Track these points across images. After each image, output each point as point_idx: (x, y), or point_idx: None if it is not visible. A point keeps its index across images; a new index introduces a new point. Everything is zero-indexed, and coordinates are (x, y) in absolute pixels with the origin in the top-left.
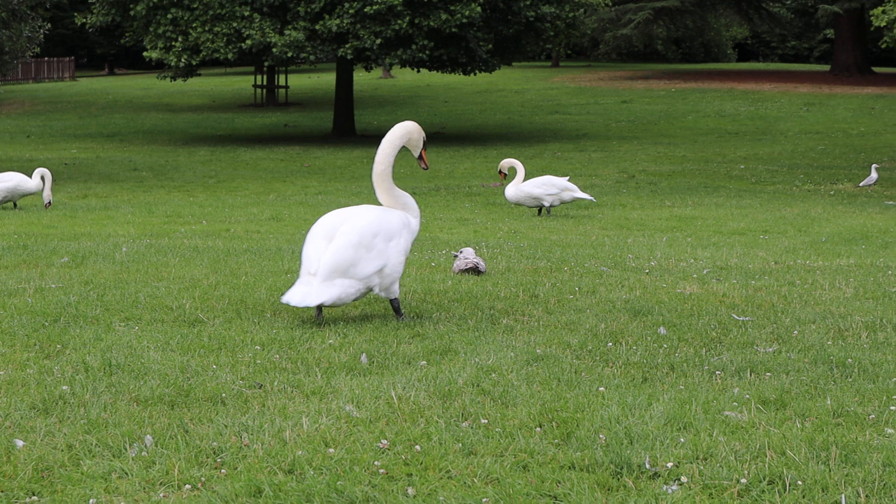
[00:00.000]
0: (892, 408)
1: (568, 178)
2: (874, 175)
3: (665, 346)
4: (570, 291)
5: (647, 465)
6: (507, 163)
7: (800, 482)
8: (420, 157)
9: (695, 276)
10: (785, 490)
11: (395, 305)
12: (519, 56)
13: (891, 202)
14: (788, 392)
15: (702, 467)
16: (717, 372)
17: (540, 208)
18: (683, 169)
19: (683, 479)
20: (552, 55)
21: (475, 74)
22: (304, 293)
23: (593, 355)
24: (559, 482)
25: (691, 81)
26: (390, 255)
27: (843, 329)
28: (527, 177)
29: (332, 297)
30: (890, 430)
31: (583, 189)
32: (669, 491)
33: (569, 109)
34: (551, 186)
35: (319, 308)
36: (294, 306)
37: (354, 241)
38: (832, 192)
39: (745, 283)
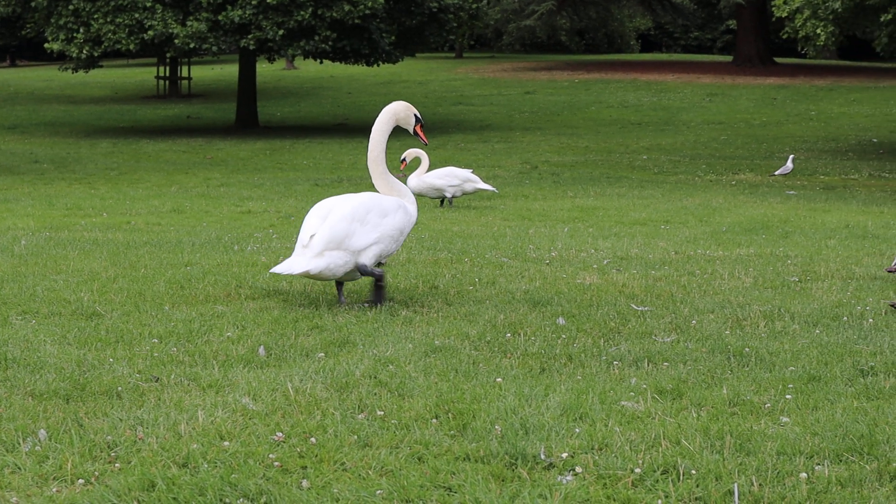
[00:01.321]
0: (788, 396)
1: (472, 169)
2: (790, 165)
3: (564, 336)
4: (470, 282)
5: (543, 456)
6: (411, 152)
7: (694, 471)
8: (415, 132)
9: (595, 266)
10: (679, 479)
11: (366, 271)
12: (422, 47)
13: (792, 192)
14: (685, 382)
15: (597, 457)
16: (615, 362)
17: (442, 199)
18: (586, 159)
19: (578, 469)
20: (456, 46)
21: (378, 66)
22: (291, 263)
23: (492, 346)
24: (454, 473)
25: (595, 72)
26: (385, 227)
27: (741, 318)
28: (430, 168)
29: (319, 267)
30: (785, 419)
31: (485, 180)
32: (564, 481)
33: (472, 100)
34: (453, 178)
35: (338, 287)
36: (280, 274)
37: (348, 215)
38: (734, 183)
39: (645, 273)
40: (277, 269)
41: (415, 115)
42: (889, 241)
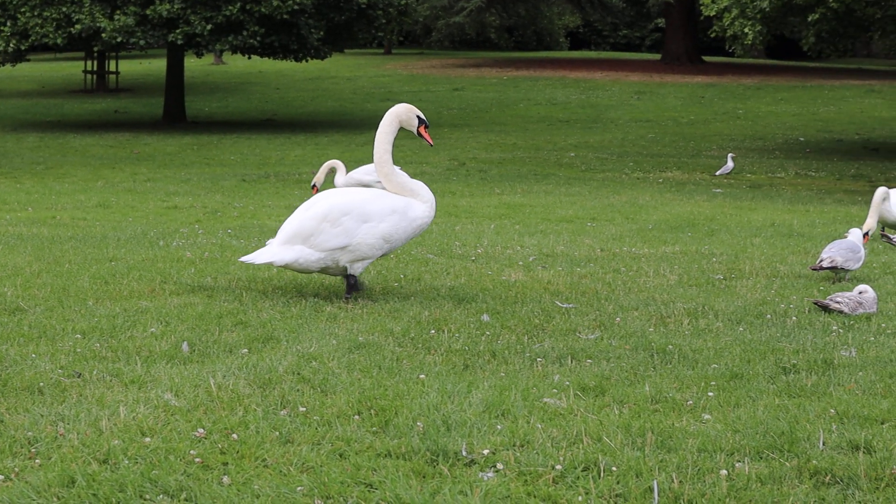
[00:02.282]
0: (711, 394)
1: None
2: (730, 164)
3: (488, 333)
4: (395, 279)
5: (464, 453)
6: (325, 168)
7: (614, 468)
8: (419, 133)
9: (521, 263)
10: (599, 476)
11: (349, 281)
12: (351, 43)
13: (719, 190)
14: (608, 379)
15: (518, 454)
16: (539, 359)
17: None
18: (514, 156)
19: (499, 465)
20: (384, 43)
21: (307, 61)
22: (257, 253)
23: (415, 343)
24: (375, 470)
25: (523, 69)
26: (359, 235)
27: (665, 316)
28: (356, 165)
29: (286, 259)
30: (707, 416)
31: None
32: (485, 478)
33: (401, 97)
34: None
35: (349, 284)
36: (245, 262)
37: (320, 215)
38: (661, 180)
39: (571, 270)
40: (245, 258)
41: (418, 117)
42: (814, 239)
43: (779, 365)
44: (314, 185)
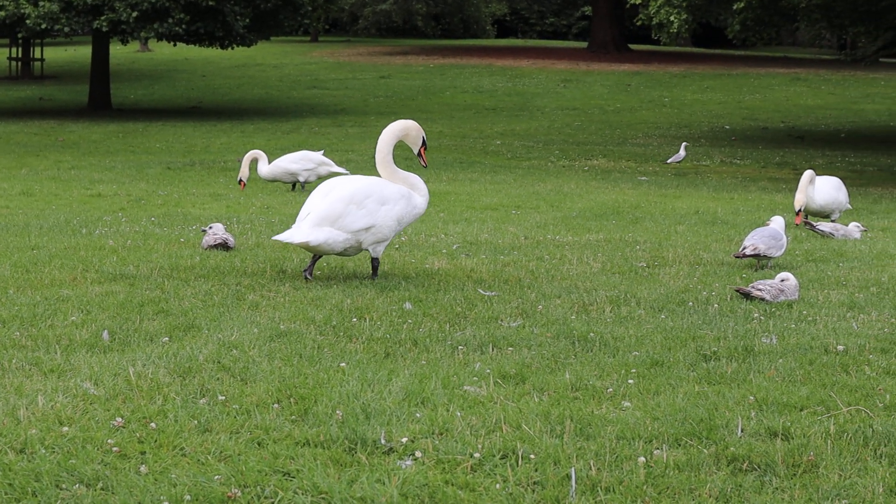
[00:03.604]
0: (631, 381)
1: (322, 152)
2: (682, 153)
3: (410, 321)
4: (319, 267)
5: (383, 441)
6: (247, 161)
7: (533, 455)
8: (419, 154)
9: (444, 251)
10: (517, 464)
11: (374, 265)
12: (277, 31)
13: (644, 178)
14: (529, 366)
15: (437, 442)
16: (460, 347)
17: (294, 184)
18: (440, 144)
19: (418, 454)
20: (311, 30)
21: (233, 49)
22: (292, 233)
23: (337, 331)
24: (293, 459)
25: (450, 57)
26: (380, 216)
27: (587, 303)
28: (282, 153)
29: (319, 239)
30: (627, 403)
31: (339, 165)
32: (403, 466)
33: (327, 84)
34: (308, 161)
35: (313, 262)
36: (282, 242)
37: (346, 197)
38: (586, 168)
39: (494, 258)
40: (279, 237)
41: (423, 138)
42: (738, 227)
43: (699, 352)
44: (241, 180)
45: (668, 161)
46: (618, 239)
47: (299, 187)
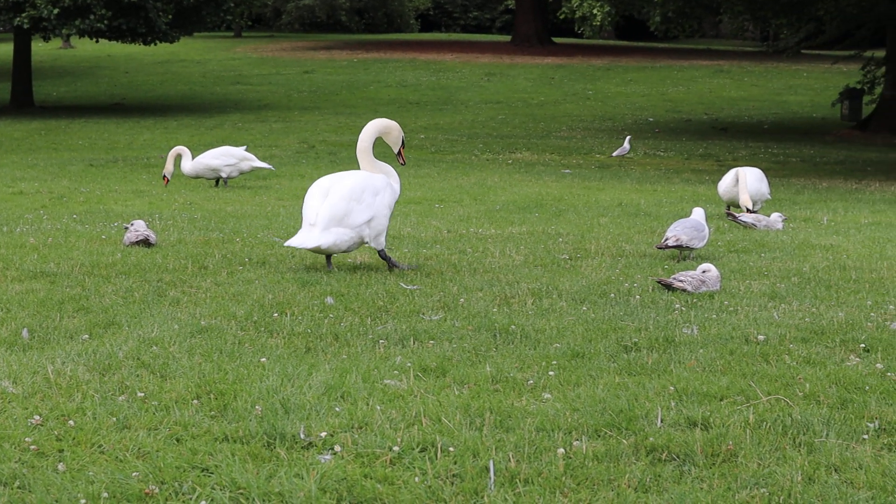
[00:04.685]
0: (552, 373)
1: (245, 147)
2: (627, 146)
3: (331, 315)
4: (241, 262)
5: (302, 435)
6: (171, 157)
7: (452, 448)
8: (398, 153)
9: (366, 245)
10: (436, 457)
11: (383, 256)
12: (200, 27)
13: (567, 170)
14: (450, 359)
15: (356, 436)
16: (381, 341)
17: (217, 179)
18: None
19: (337, 448)
20: (234, 26)
21: (156, 45)
22: (305, 238)
23: (258, 326)
24: (211, 454)
25: (374, 52)
26: (377, 207)
27: (509, 296)
28: (206, 149)
29: (329, 242)
30: (547, 395)
31: (262, 160)
32: (322, 460)
33: (250, 80)
34: (230, 157)
35: (328, 258)
36: (296, 247)
37: (346, 195)
38: (510, 162)
39: (417, 251)
40: (292, 242)
41: (403, 139)
42: (660, 218)
43: (620, 343)
44: (164, 176)
45: (614, 154)
46: (541, 231)
47: (222, 183)
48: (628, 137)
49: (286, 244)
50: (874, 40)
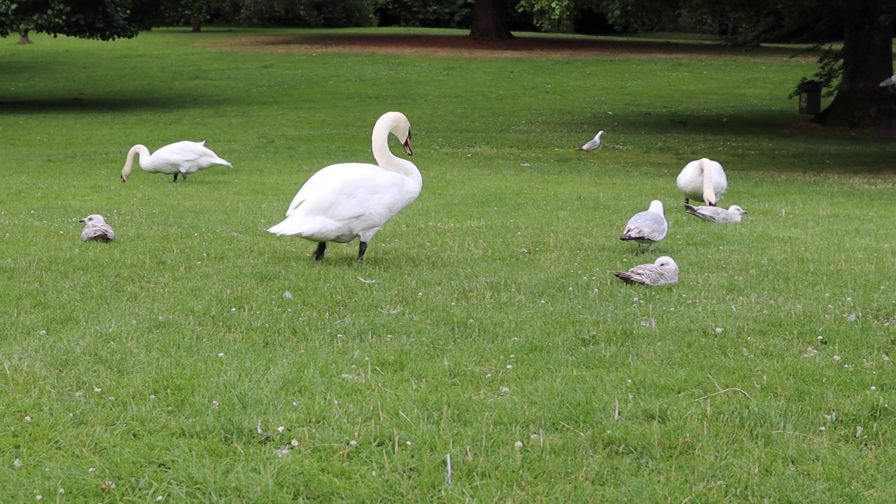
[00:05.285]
0: (509, 367)
1: (204, 142)
2: (597, 140)
3: (289, 310)
4: (199, 257)
5: (259, 430)
6: (131, 156)
7: (409, 442)
8: (405, 143)
9: None
10: (394, 451)
11: (362, 248)
12: (158, 21)
13: (527, 164)
14: (408, 353)
15: (314, 430)
16: (339, 335)
17: (176, 174)
18: (323, 133)
19: (294, 442)
20: (192, 20)
21: (114, 40)
22: (285, 225)
23: (216, 321)
24: (168, 449)
25: (332, 46)
26: (370, 205)
27: (467, 290)
28: (164, 144)
29: (312, 229)
30: (505, 389)
31: (221, 155)
32: (280, 455)
33: (209, 75)
34: (189, 152)
35: (321, 249)
36: (276, 234)
37: (338, 188)
38: (469, 155)
39: (375, 246)
40: (273, 228)
41: (409, 130)
42: (619, 211)
43: (578, 337)
44: (122, 176)
45: (584, 147)
46: (500, 225)
47: (181, 178)
48: (600, 133)
49: (270, 230)
50: (832, 33)
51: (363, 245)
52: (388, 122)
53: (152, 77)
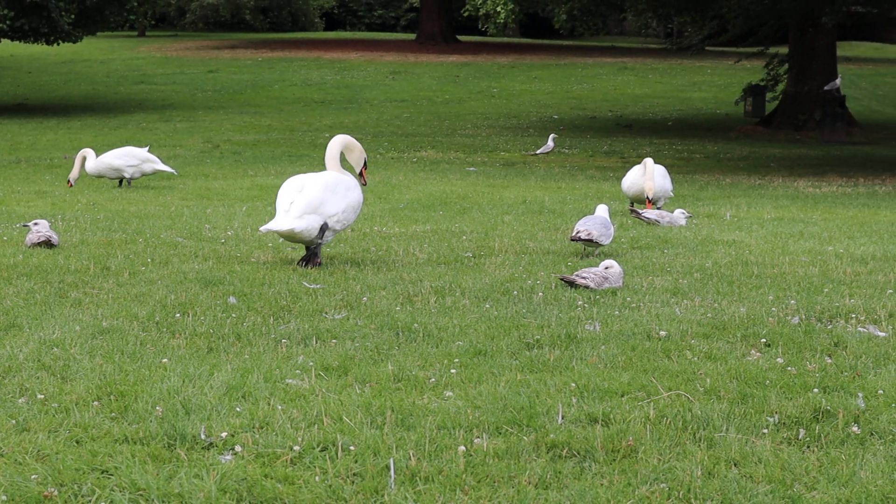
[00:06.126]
0: (453, 371)
1: (148, 147)
2: (551, 143)
3: (234, 315)
4: (143, 263)
5: (203, 436)
6: (78, 161)
7: (353, 447)
8: (360, 173)
9: (270, 245)
10: (337, 456)
11: (317, 249)
12: (103, 26)
13: (472, 168)
14: (352, 358)
15: (257, 436)
16: (284, 340)
17: (121, 180)
18: (268, 138)
19: (238, 448)
20: (137, 25)
21: (58, 45)
22: (279, 222)
23: (160, 327)
24: (111, 456)
25: (278, 50)
26: (350, 199)
27: (412, 294)
28: (109, 149)
29: (301, 227)
30: (449, 393)
31: (166, 160)
32: (223, 461)
33: (155, 79)
34: (132, 157)
35: (312, 254)
36: (270, 231)
37: (322, 186)
38: (415, 160)
39: (321, 250)
40: (265, 227)
41: (365, 160)
42: (564, 215)
43: (522, 340)
44: (69, 180)
45: (537, 152)
46: (445, 230)
47: (125, 183)
48: (552, 136)
49: (260, 229)
50: (777, 37)
51: (318, 248)
52: (342, 142)
53: (97, 82)
